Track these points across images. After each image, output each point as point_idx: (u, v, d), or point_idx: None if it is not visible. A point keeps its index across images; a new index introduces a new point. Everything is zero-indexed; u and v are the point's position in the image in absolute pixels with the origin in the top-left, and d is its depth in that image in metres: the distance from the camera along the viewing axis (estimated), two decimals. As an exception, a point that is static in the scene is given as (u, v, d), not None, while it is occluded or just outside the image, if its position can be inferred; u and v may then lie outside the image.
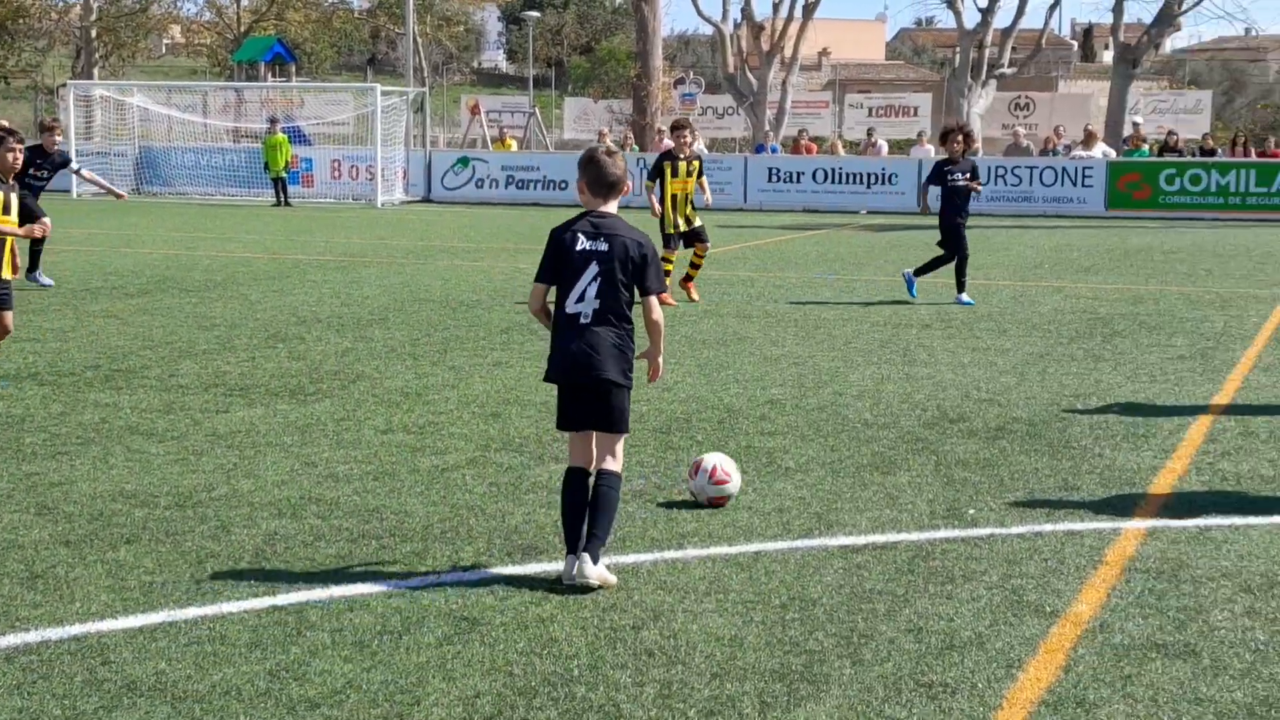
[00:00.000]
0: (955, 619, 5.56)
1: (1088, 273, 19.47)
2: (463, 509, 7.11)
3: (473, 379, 10.79)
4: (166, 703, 4.71)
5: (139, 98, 40.66)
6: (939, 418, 9.44)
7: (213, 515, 6.95)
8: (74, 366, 11.11)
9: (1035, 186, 33.10)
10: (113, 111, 39.63)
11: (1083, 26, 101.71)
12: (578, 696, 4.81)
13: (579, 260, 5.98)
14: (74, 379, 10.58)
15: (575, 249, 6.01)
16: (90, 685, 4.84)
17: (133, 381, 10.52)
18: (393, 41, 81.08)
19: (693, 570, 6.16)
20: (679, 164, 15.88)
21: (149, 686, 4.83)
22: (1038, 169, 33.43)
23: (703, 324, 13.97)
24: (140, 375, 10.78)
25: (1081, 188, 32.78)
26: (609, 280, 6.00)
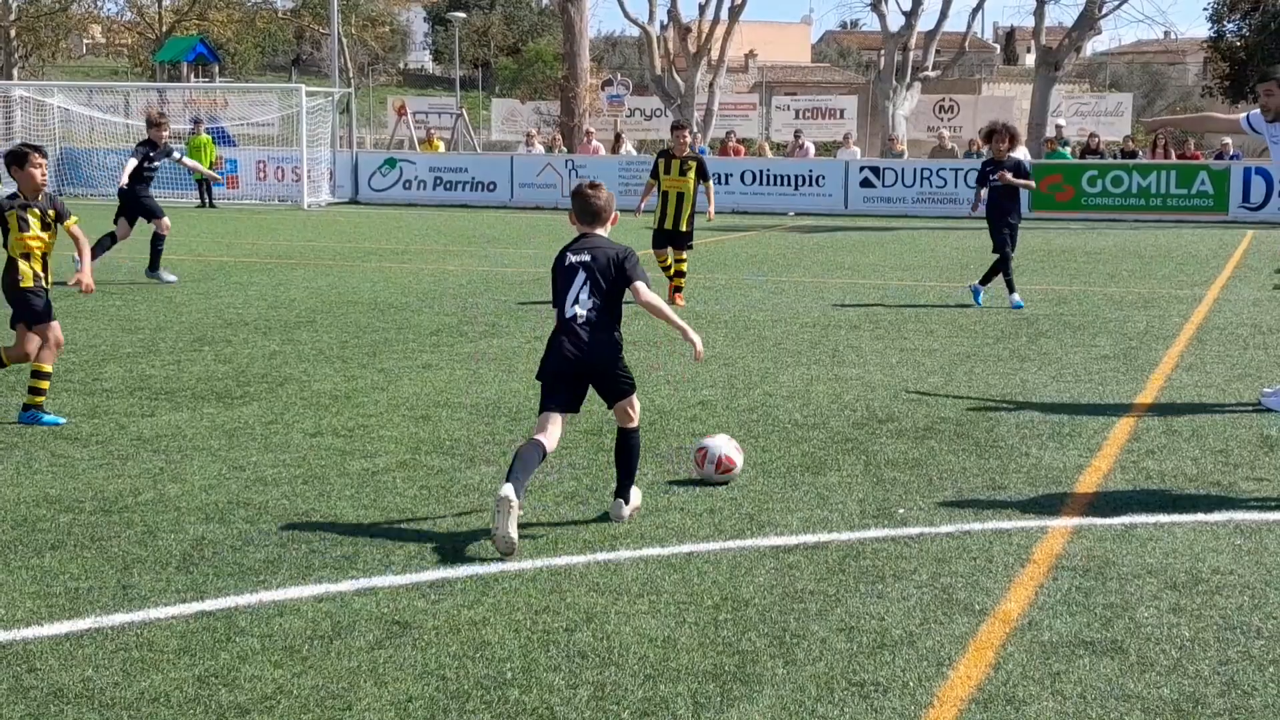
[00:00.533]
0: (886, 618, 5.60)
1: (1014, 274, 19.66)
2: (393, 512, 7.07)
3: (402, 381, 10.73)
4: (94, 710, 4.65)
5: (59, 98, 40.07)
6: (868, 418, 9.51)
7: (139, 520, 6.86)
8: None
9: (960, 188, 33.39)
10: (33, 112, 39.02)
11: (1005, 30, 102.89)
12: (511, 699, 4.80)
13: (569, 272, 6.98)
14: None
15: (565, 264, 7.02)
16: (16, 693, 4.76)
17: (55, 386, 10.35)
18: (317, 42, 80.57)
19: (625, 572, 6.16)
20: (673, 162, 16.49)
21: (76, 694, 4.77)
22: (962, 171, 33.71)
23: (633, 326, 13.94)
24: (63, 379, 10.63)
25: (1006, 189, 33.06)
26: (595, 284, 6.93)
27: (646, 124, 53.53)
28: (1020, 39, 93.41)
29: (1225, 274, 19.82)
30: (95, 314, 14.40)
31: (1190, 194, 32.34)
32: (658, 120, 51.74)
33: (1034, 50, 47.35)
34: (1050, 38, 45.66)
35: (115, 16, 70.14)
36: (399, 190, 37.26)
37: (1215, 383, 10.97)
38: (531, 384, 10.55)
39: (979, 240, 25.95)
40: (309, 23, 72.06)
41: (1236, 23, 44.47)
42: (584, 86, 45.17)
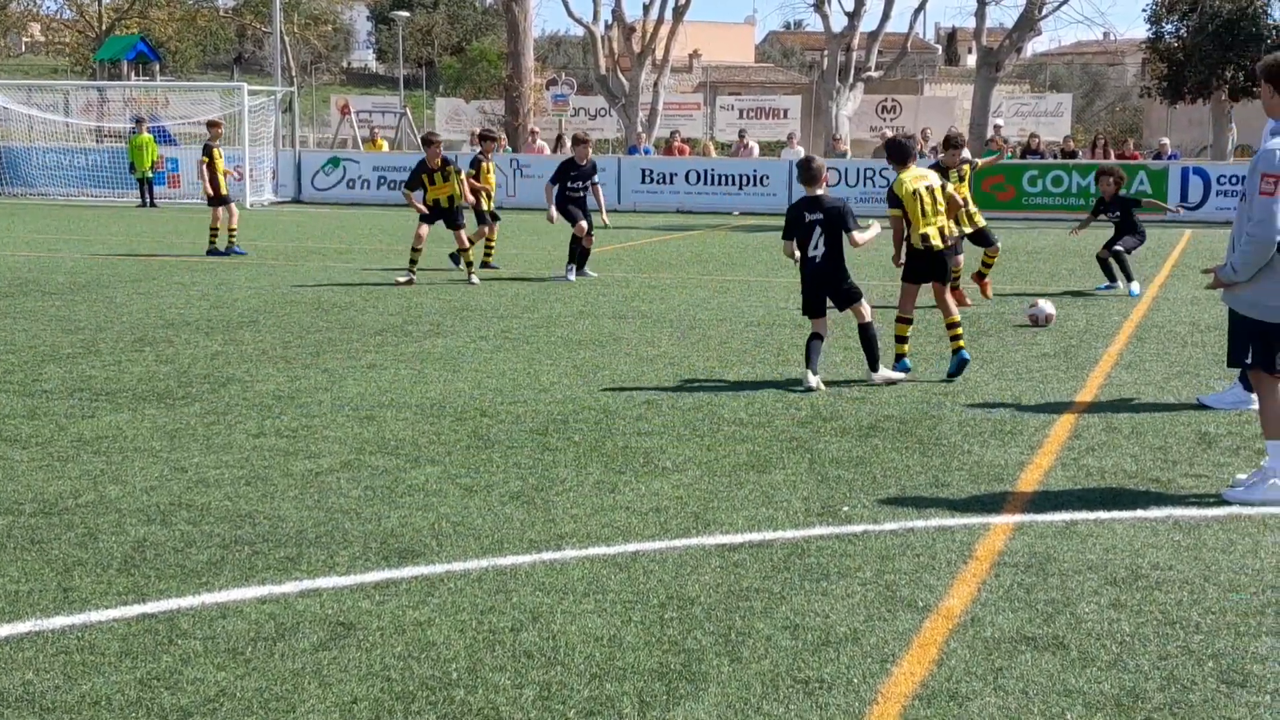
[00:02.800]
0: (831, 615, 5.63)
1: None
2: (337, 513, 7.04)
3: (346, 382, 10.68)
4: (34, 714, 4.60)
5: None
6: (813, 416, 9.55)
7: (80, 522, 6.80)
8: (-69, 372, 10.80)
9: (903, 188, 33.56)
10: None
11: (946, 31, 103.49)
12: (456, 700, 4.79)
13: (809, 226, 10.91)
14: (-69, 385, 10.29)
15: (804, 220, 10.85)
16: (-47, 699, 4.71)
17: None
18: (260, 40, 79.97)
19: (571, 571, 6.16)
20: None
21: (16, 697, 4.72)
22: (906, 171, 33.87)
23: (579, 325, 13.98)
24: (2, 380, 10.51)
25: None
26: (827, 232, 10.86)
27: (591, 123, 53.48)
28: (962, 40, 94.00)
29: (1164, 273, 20.05)
30: (34, 315, 14.25)
31: (1128, 193, 32.58)
32: (603, 120, 51.78)
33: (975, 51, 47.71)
34: (991, 38, 45.98)
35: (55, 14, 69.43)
36: (342, 189, 37.07)
37: (1154, 380, 11.09)
38: (476, 384, 10.55)
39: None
40: (251, 21, 71.59)
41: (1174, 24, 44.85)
42: (528, 86, 45.07)
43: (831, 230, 10.73)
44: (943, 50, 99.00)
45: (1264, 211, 7.28)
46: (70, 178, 38.13)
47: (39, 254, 21.31)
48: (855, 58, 44.47)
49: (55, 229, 26.97)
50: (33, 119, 40.74)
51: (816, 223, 10.73)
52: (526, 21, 44.61)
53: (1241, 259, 7.41)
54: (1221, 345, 9.39)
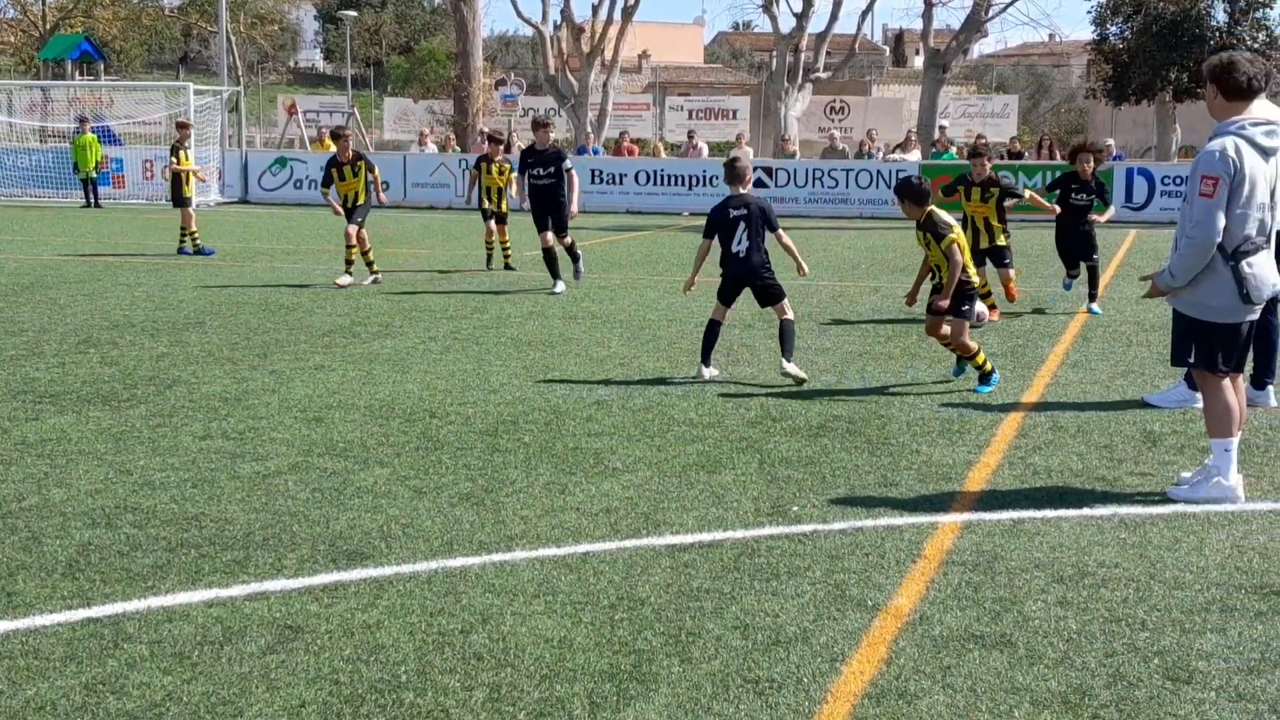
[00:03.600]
0: (780, 615, 5.64)
1: (904, 273, 19.88)
2: (285, 515, 6.99)
3: (294, 383, 10.61)
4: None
5: (-61, 96, 39.13)
6: (762, 416, 9.57)
7: (23, 526, 6.72)
8: None
9: (851, 189, 33.74)
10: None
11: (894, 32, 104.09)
12: (406, 703, 4.76)
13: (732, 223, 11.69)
14: None
15: (729, 217, 11.62)
16: (-106, 706, 4.65)
17: (-65, 389, 10.13)
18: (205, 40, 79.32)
19: (521, 572, 6.14)
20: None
21: (-43, 705, 4.66)
22: (854, 171, 34.06)
23: (528, 325, 13.95)
24: (-57, 383, 10.39)
25: (896, 190, 33.47)
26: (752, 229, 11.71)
27: (540, 124, 53.38)
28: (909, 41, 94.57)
29: (1109, 273, 20.21)
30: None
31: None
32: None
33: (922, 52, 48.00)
34: (938, 40, 46.29)
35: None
36: (290, 190, 36.86)
37: (1100, 379, 11.19)
38: (425, 385, 10.51)
39: (870, 240, 26.24)
40: (197, 20, 71.05)
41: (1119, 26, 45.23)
42: (477, 86, 44.95)
43: (754, 227, 11.51)
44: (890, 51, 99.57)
45: (1203, 213, 7.30)
46: (13, 178, 37.72)
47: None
48: (804, 58, 44.64)
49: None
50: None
51: (740, 219, 11.43)
52: (475, 21, 44.49)
53: (1180, 262, 7.43)
54: (1166, 344, 9.49)
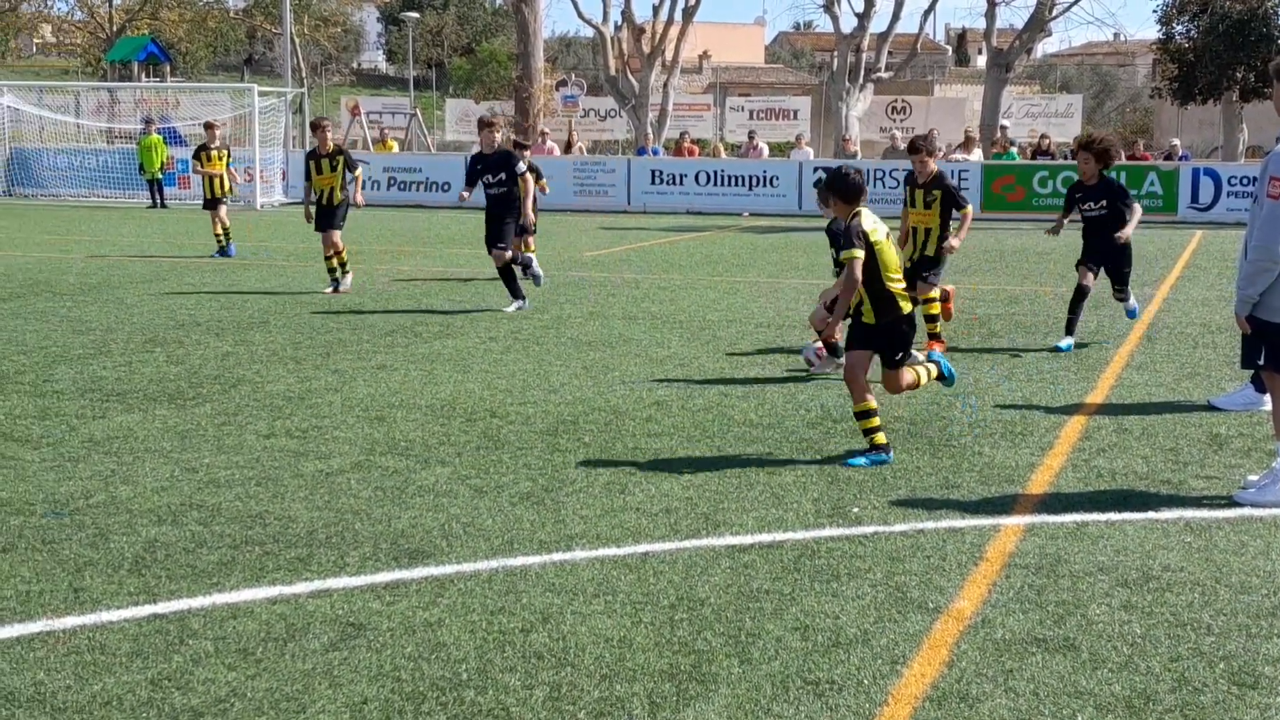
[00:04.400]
0: (841, 616, 5.62)
1: (965, 274, 19.78)
2: (348, 513, 7.04)
3: (356, 382, 10.69)
4: (46, 714, 4.61)
5: (9, 98, 39.66)
6: (823, 417, 9.54)
7: (91, 522, 6.81)
8: (-57, 372, 10.83)
9: (913, 189, 33.57)
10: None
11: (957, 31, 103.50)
12: (467, 701, 4.79)
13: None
14: (-57, 385, 10.32)
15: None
16: (-35, 699, 4.72)
17: (6, 387, 10.28)
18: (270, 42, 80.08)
19: (581, 572, 6.16)
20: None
21: (27, 697, 4.73)
22: (915, 172, 33.87)
23: (588, 326, 13.98)
24: (14, 381, 10.53)
25: (958, 190, 33.29)
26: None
27: (601, 124, 53.51)
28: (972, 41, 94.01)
29: (1174, 274, 20.00)
30: (46, 316, 14.27)
31: (1140, 195, 32.57)
32: (612, 121, 51.76)
33: (985, 52, 47.64)
34: (1001, 39, 45.96)
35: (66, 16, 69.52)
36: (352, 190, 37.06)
37: (1165, 382, 11.07)
38: (486, 385, 10.55)
39: (932, 241, 26.08)
40: (261, 22, 71.64)
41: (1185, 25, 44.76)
42: (538, 87, 45.09)
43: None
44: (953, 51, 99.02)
45: (1271, 215, 7.23)
46: (81, 179, 38.19)
47: (50, 255, 21.34)
48: (865, 58, 44.44)
49: (66, 230, 27.01)
50: (44, 120, 40.87)
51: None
52: (536, 22, 44.63)
53: (1249, 269, 7.35)
54: (1232, 346, 9.39)
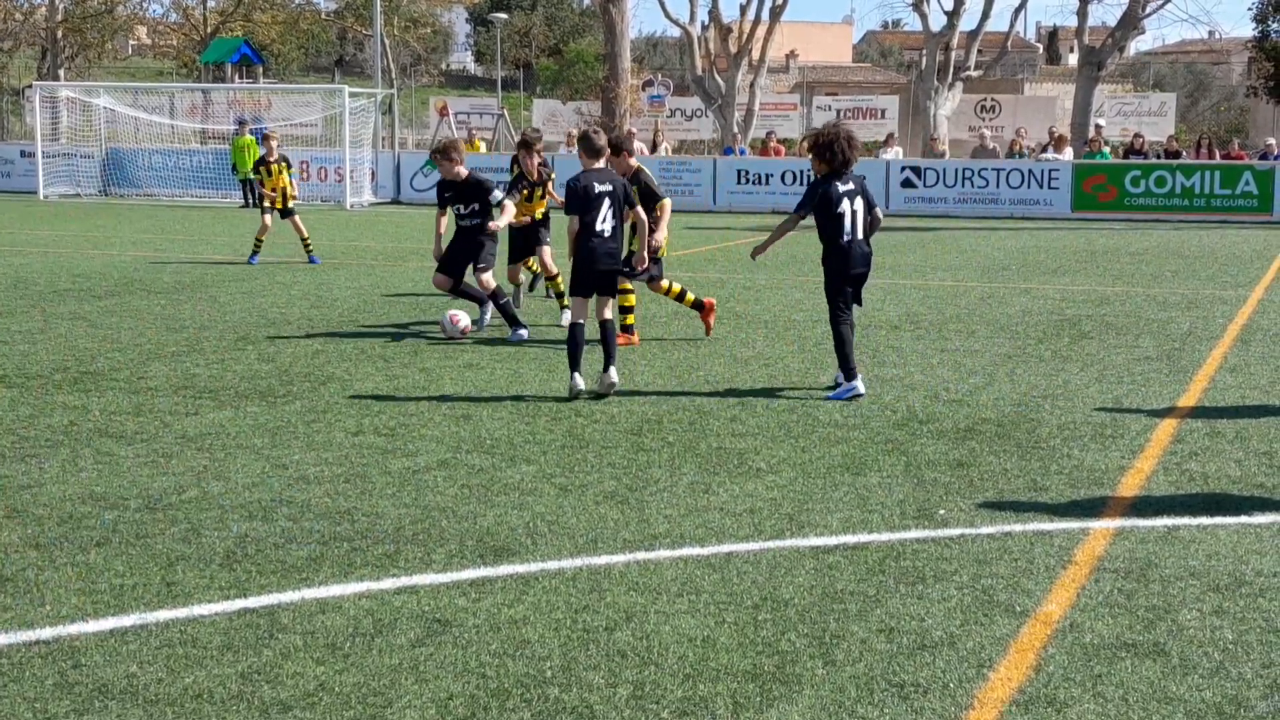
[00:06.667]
0: (927, 619, 5.59)
1: (1055, 274, 19.58)
2: (434, 510, 7.10)
3: (443, 380, 10.78)
4: (138, 706, 4.69)
5: (105, 99, 40.41)
6: (909, 418, 9.48)
7: (183, 518, 6.92)
8: (42, 369, 11.05)
9: (1002, 189, 33.27)
10: (79, 113, 39.41)
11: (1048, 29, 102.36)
12: (551, 698, 4.81)
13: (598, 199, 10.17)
14: (42, 381, 10.52)
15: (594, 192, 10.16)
16: (61, 688, 4.82)
17: (101, 384, 10.47)
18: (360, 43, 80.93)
19: (665, 571, 6.17)
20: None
21: (120, 690, 4.82)
22: (1004, 171, 33.58)
23: (673, 325, 13.99)
24: (109, 377, 10.73)
25: (1048, 190, 32.96)
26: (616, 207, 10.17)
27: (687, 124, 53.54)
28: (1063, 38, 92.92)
29: (1270, 275, 19.66)
30: (140, 313, 14.52)
31: (1234, 194, 32.07)
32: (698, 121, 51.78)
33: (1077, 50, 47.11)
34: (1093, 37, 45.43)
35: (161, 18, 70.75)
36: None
37: (1259, 384, 10.89)
38: (572, 384, 10.59)
39: (1020, 241, 25.84)
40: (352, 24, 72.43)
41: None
42: (625, 87, 45.17)
43: (618, 207, 10.28)
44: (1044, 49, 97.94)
45: None
46: (175, 179, 38.81)
47: (145, 254, 21.71)
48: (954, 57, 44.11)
49: (161, 229, 27.47)
50: (139, 121, 41.57)
51: (605, 195, 10.17)
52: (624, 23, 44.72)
53: None
54: (1330, 349, 9.20)
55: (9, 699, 4.72)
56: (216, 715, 4.64)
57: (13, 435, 8.70)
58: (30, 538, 6.54)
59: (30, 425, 9.00)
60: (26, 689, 4.81)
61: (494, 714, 4.68)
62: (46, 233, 25.55)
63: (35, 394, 10.04)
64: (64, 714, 4.62)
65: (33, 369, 11.05)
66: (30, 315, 14.16)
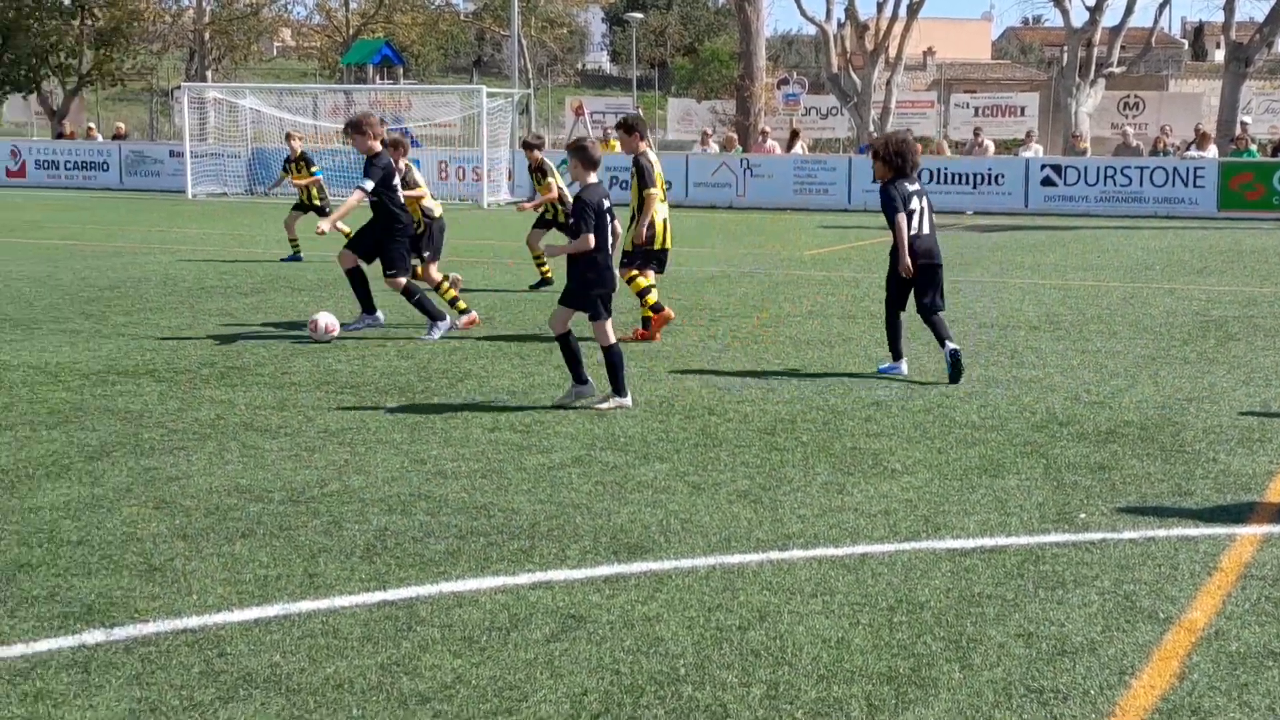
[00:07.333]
0: (1066, 624, 5.50)
1: (1200, 274, 19.14)
2: (569, 507, 7.16)
3: (578, 378, 10.83)
4: (281, 694, 4.80)
5: (251, 100, 41.30)
6: (1048, 420, 9.33)
7: (325, 510, 7.05)
8: (190, 364, 11.33)
9: (1146, 187, 32.57)
10: (225, 113, 40.32)
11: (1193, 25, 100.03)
12: (684, 696, 4.82)
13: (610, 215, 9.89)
14: (190, 376, 10.79)
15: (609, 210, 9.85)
16: (207, 676, 4.94)
17: (246, 379, 10.71)
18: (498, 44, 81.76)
19: (798, 571, 6.15)
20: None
21: (264, 678, 4.92)
22: (1148, 169, 32.88)
23: (807, 325, 13.93)
24: (254, 372, 10.97)
25: (1193, 188, 32.20)
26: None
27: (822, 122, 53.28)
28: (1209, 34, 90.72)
29: None
30: (284, 310, 14.82)
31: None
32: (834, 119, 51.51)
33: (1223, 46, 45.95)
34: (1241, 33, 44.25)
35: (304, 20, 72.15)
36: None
37: None
38: (704, 382, 10.60)
39: (1164, 241, 25.27)
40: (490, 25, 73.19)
41: None
42: (759, 85, 45.07)
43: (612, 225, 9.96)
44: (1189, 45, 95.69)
45: None
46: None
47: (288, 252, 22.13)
48: (1096, 53, 43.29)
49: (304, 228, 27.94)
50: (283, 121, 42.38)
51: (609, 213, 9.90)
52: (759, 21, 44.63)
53: None
54: None
55: (157, 686, 4.86)
56: (356, 705, 4.72)
57: (162, 428, 8.94)
58: (178, 528, 6.71)
59: (178, 418, 9.24)
60: (174, 676, 4.94)
61: (628, 710, 4.71)
62: (194, 231, 26.21)
63: (183, 388, 10.30)
64: (210, 702, 4.74)
65: (181, 364, 11.33)
66: (179, 312, 14.53)
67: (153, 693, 4.80)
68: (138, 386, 10.32)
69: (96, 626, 5.38)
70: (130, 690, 4.82)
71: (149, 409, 9.52)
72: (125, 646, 5.20)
